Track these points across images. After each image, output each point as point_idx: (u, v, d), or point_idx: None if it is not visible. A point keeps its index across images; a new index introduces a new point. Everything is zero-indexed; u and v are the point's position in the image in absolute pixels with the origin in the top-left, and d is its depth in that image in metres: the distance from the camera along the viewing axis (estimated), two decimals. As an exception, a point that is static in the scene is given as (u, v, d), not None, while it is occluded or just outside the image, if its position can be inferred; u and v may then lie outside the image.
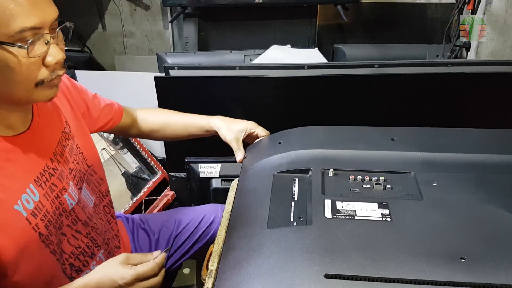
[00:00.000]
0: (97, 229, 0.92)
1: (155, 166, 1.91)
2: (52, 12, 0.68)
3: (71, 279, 0.85)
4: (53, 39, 0.68)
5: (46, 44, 0.67)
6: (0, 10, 0.61)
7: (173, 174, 1.75)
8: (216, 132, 1.09)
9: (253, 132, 1.07)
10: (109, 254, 0.97)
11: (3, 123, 0.73)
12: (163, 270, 0.85)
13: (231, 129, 1.07)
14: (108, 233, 0.99)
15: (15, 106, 0.74)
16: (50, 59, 0.68)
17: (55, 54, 0.69)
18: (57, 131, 0.85)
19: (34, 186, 0.75)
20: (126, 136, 1.74)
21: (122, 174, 1.86)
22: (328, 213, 0.71)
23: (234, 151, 1.04)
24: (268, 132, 1.08)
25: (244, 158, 1.01)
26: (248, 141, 1.08)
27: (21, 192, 0.73)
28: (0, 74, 0.65)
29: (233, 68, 1.37)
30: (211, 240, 1.12)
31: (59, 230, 0.82)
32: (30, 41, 0.64)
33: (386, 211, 0.71)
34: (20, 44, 0.64)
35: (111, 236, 1.00)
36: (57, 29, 0.70)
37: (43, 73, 0.69)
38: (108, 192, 1.02)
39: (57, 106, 0.88)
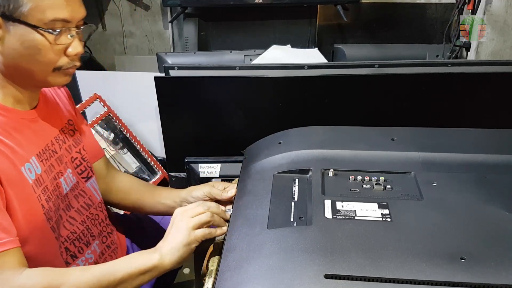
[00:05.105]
0: (93, 220, 0.96)
1: (155, 166, 1.91)
2: (81, 11, 0.80)
3: (67, 264, 0.87)
4: (77, 34, 0.80)
5: (70, 37, 0.79)
6: (39, 0, 0.73)
7: (173, 174, 1.74)
8: (187, 197, 1.01)
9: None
10: (107, 248, 1.00)
11: (14, 98, 0.81)
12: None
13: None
14: (107, 227, 1.02)
15: (28, 86, 0.82)
16: (71, 50, 0.79)
17: (76, 46, 0.80)
18: (60, 120, 0.93)
19: (37, 160, 0.81)
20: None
21: (122, 174, 1.85)
22: (328, 213, 0.71)
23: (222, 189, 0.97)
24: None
25: (244, 158, 1.01)
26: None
27: (25, 161, 0.79)
28: (27, 53, 0.76)
29: (233, 68, 1.36)
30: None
31: (57, 212, 0.85)
32: (58, 30, 0.76)
33: (386, 211, 0.71)
34: (51, 31, 0.75)
35: (106, 234, 1.02)
36: (82, 27, 0.82)
37: (63, 60, 0.80)
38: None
39: (59, 102, 0.96)
